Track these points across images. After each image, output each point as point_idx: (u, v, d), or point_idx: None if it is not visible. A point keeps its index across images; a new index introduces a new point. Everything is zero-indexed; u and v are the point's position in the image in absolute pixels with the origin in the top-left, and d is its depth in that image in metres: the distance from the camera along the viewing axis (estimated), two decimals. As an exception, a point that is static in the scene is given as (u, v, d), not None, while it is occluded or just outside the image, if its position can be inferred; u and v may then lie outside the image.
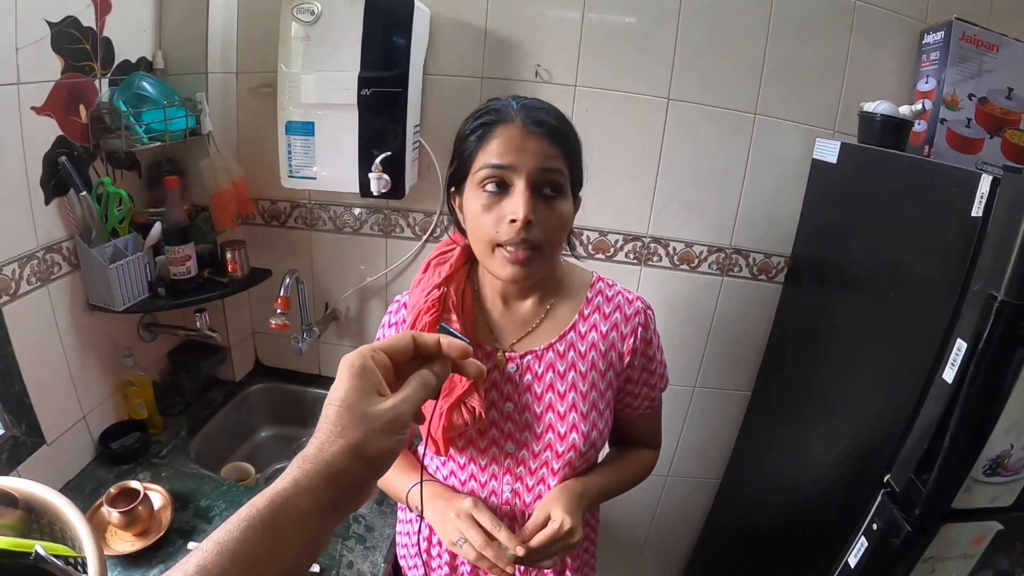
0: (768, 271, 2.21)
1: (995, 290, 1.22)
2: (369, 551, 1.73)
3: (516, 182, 1.14)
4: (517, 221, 1.12)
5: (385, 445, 0.65)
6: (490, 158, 1.15)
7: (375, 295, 2.41)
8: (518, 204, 1.12)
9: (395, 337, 0.74)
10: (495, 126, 1.17)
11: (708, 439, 2.48)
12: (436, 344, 0.75)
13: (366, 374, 0.67)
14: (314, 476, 0.61)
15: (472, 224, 1.20)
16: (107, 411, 2.03)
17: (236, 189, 2.13)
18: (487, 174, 1.16)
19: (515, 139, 1.14)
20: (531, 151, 1.14)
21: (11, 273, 1.59)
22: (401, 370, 0.74)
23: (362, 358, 0.68)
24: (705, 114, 2.03)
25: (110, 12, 1.79)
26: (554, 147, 1.16)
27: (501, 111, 1.19)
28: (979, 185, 1.28)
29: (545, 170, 1.14)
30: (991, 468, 1.35)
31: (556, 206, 1.17)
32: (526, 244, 1.14)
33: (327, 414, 0.65)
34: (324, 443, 0.63)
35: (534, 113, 1.17)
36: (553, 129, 1.17)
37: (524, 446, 1.32)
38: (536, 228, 1.14)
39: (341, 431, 0.63)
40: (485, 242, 1.18)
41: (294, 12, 1.84)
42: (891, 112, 1.76)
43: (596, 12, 1.97)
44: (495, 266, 1.20)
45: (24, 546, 1.10)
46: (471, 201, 1.20)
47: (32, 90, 1.59)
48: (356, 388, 0.66)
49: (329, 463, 0.62)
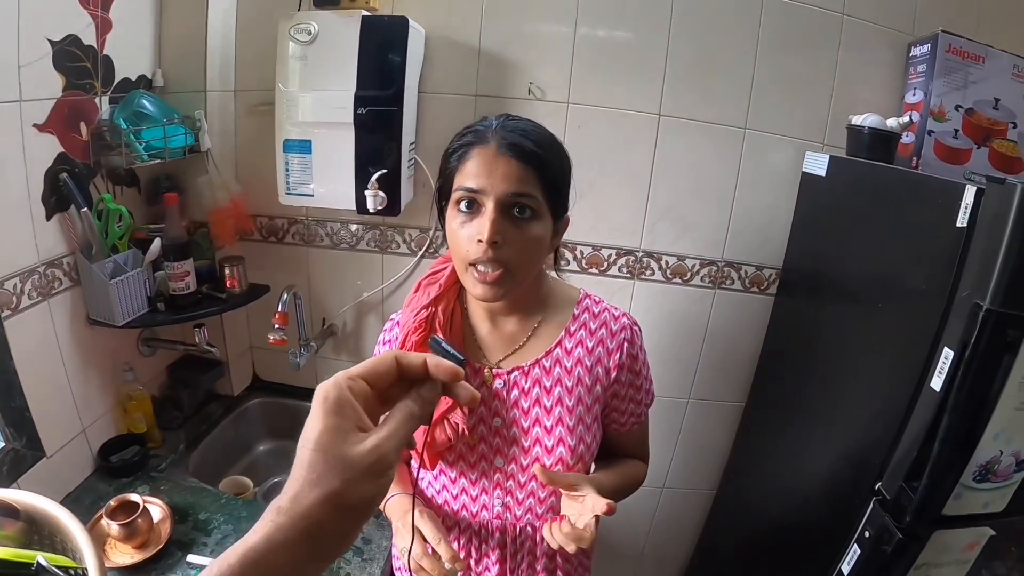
0: (760, 283, 2.23)
1: (981, 299, 1.23)
2: (366, 563, 1.74)
3: (486, 203, 1.16)
4: (483, 242, 1.14)
5: (367, 492, 0.58)
6: (464, 180, 1.18)
7: (372, 310, 2.42)
8: (484, 225, 1.14)
9: (376, 359, 0.66)
10: (472, 147, 1.19)
11: (703, 450, 2.48)
12: (422, 365, 0.66)
13: (343, 409, 0.60)
14: (289, 530, 0.54)
15: (450, 241, 1.23)
16: (107, 425, 2.04)
17: (234, 206, 2.15)
18: (460, 195, 1.18)
19: (487, 162, 1.16)
20: (500, 174, 1.15)
21: (12, 288, 1.61)
22: (386, 394, 0.66)
23: (338, 389, 0.60)
24: (696, 129, 2.05)
25: (110, 31, 1.82)
26: (527, 171, 1.16)
27: (480, 132, 1.21)
28: (964, 196, 1.30)
29: (514, 194, 1.15)
30: (981, 474, 1.35)
31: (526, 228, 1.18)
32: (494, 264, 1.16)
33: (300, 458, 0.58)
34: (298, 493, 0.56)
35: (510, 136, 1.18)
36: (526, 153, 1.17)
37: (513, 460, 1.34)
38: (505, 248, 1.16)
39: (316, 479, 0.56)
40: (460, 260, 1.21)
41: (291, 32, 1.87)
42: (879, 125, 1.78)
43: (588, 27, 1.99)
44: (468, 284, 1.23)
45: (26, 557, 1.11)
46: (450, 219, 1.22)
47: (34, 107, 1.61)
48: (332, 427, 0.58)
49: (304, 516, 0.55)
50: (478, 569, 1.42)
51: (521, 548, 1.39)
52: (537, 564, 1.40)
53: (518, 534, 1.37)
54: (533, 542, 1.38)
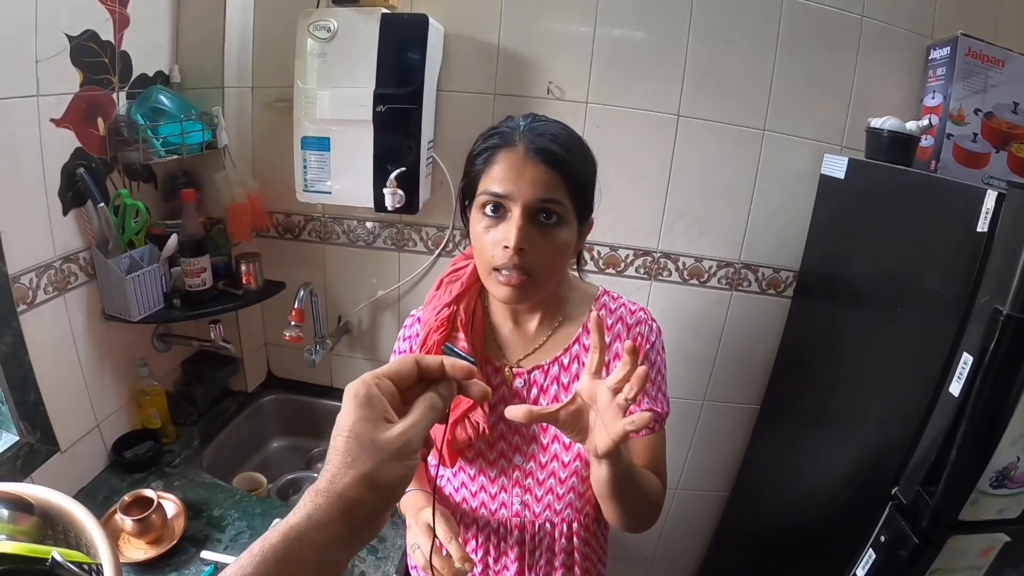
0: (777, 286, 2.22)
1: (1001, 304, 1.22)
2: (381, 561, 1.74)
3: (513, 209, 1.15)
4: (509, 248, 1.13)
5: (396, 472, 0.64)
6: (490, 184, 1.17)
7: (387, 308, 2.42)
8: (511, 232, 1.13)
9: (398, 361, 0.73)
10: (499, 150, 1.18)
11: (717, 452, 2.47)
12: (440, 366, 0.74)
13: (371, 402, 0.67)
14: (327, 509, 0.61)
15: (475, 243, 1.22)
16: (121, 420, 2.04)
17: (251, 202, 2.15)
18: (486, 199, 1.18)
19: (515, 167, 1.15)
20: (528, 180, 1.14)
21: (28, 282, 1.61)
22: (407, 395, 0.73)
23: (367, 386, 0.67)
24: (714, 130, 2.05)
25: (128, 26, 1.82)
26: (555, 176, 1.15)
27: (506, 135, 1.19)
28: (984, 200, 1.29)
29: (542, 200, 1.14)
30: (998, 480, 1.35)
31: (552, 234, 1.17)
32: (519, 270, 1.15)
33: (336, 445, 0.64)
34: (335, 475, 0.62)
35: (539, 139, 1.16)
36: (555, 158, 1.15)
37: (532, 458, 1.33)
38: (529, 255, 1.15)
39: (351, 462, 0.63)
40: (484, 263, 1.21)
41: (311, 29, 1.87)
42: (898, 128, 1.77)
43: (607, 28, 1.99)
44: (492, 287, 1.22)
45: (40, 552, 1.11)
46: (475, 222, 1.22)
47: (51, 102, 1.62)
48: (363, 417, 0.65)
49: (341, 495, 0.61)
50: (496, 567, 1.41)
51: (539, 546, 1.38)
52: (555, 561, 1.39)
53: (536, 531, 1.37)
54: (552, 539, 1.38)
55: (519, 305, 1.25)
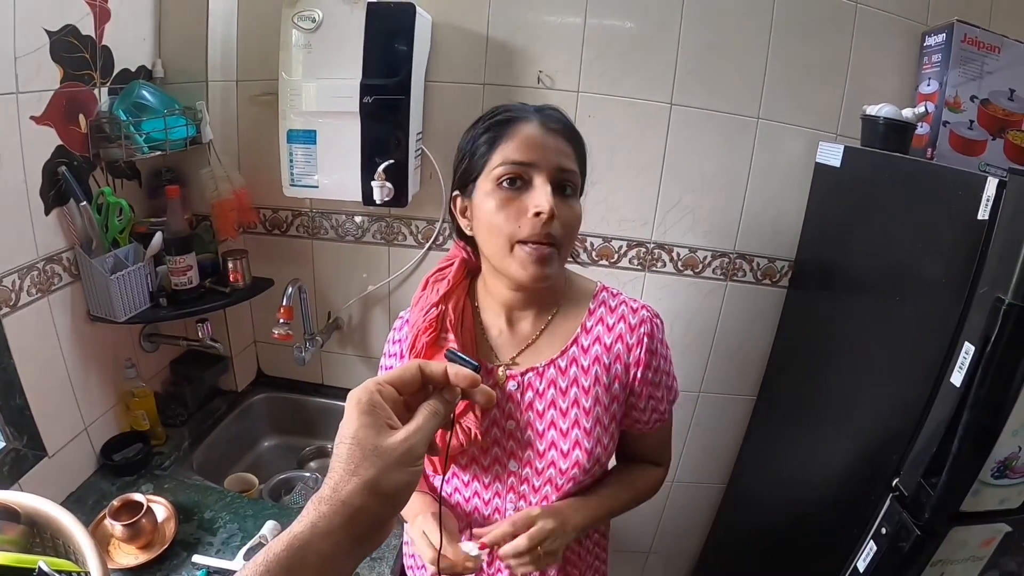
0: (772, 275, 2.20)
1: (1002, 293, 1.21)
2: (376, 562, 1.72)
3: (536, 178, 1.13)
4: (543, 214, 1.10)
5: (401, 479, 0.64)
6: (510, 154, 1.14)
7: (378, 304, 2.40)
8: (541, 198, 1.11)
9: (401, 368, 0.72)
10: (513, 123, 1.17)
11: (713, 444, 2.47)
12: (444, 374, 0.73)
13: (374, 409, 0.66)
14: (331, 517, 0.60)
15: (487, 223, 1.17)
16: (109, 422, 2.02)
17: (237, 198, 2.12)
18: (505, 170, 1.14)
19: (535, 136, 1.15)
20: (551, 148, 1.15)
21: (11, 284, 1.58)
22: (410, 401, 0.72)
23: (369, 393, 0.67)
24: (708, 119, 2.03)
25: (109, 20, 1.79)
26: (571, 148, 1.18)
27: (518, 110, 1.19)
28: (985, 188, 1.28)
29: (563, 170, 1.15)
30: (999, 470, 1.34)
31: (572, 204, 1.18)
32: (549, 238, 1.13)
33: (339, 453, 0.64)
34: (338, 483, 0.62)
35: (552, 114, 1.20)
36: (571, 131, 1.20)
37: (527, 464, 1.30)
38: (557, 224, 1.13)
39: (354, 468, 0.62)
40: (504, 239, 1.15)
41: (295, 20, 1.84)
42: (894, 115, 1.76)
43: (597, 18, 1.96)
44: (513, 267, 1.16)
45: (27, 562, 1.10)
46: (485, 200, 1.17)
47: (31, 99, 1.58)
48: (366, 424, 0.65)
49: (345, 502, 0.61)
50: (491, 571, 1.39)
51: None
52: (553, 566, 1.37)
53: None
54: None
55: (545, 283, 1.19)
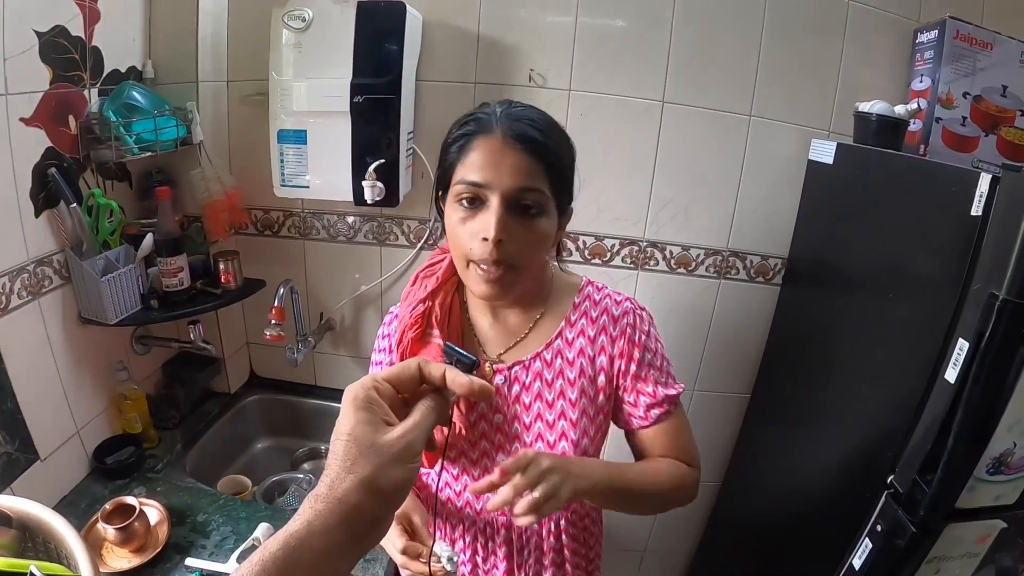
0: (765, 273, 2.20)
1: (996, 289, 1.21)
2: (369, 564, 1.72)
3: (491, 198, 1.11)
4: (488, 240, 1.09)
5: (398, 475, 0.63)
6: (467, 173, 1.12)
7: (370, 304, 2.39)
8: (489, 223, 1.09)
9: (400, 365, 0.71)
10: (475, 137, 1.13)
11: (707, 443, 2.44)
12: (442, 377, 0.71)
13: (371, 406, 0.65)
14: (327, 516, 0.59)
15: (450, 236, 1.18)
16: (101, 426, 2.00)
17: (228, 199, 2.11)
18: (462, 190, 1.13)
19: (493, 153, 1.10)
20: (508, 167, 1.10)
21: (1, 287, 1.57)
22: (407, 399, 0.71)
23: (365, 390, 0.66)
24: (700, 117, 2.03)
25: (99, 21, 1.78)
26: (535, 163, 1.11)
27: (483, 120, 1.15)
28: (978, 184, 1.28)
29: (522, 189, 1.10)
30: (994, 467, 1.34)
31: (533, 224, 1.14)
32: (498, 264, 1.12)
33: (335, 450, 0.63)
34: (335, 480, 0.61)
35: (516, 125, 1.12)
36: (534, 143, 1.12)
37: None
38: (509, 246, 1.11)
39: (351, 466, 0.61)
40: (460, 256, 1.17)
41: (285, 19, 1.83)
42: (887, 112, 1.76)
43: (589, 16, 1.96)
44: (470, 282, 1.18)
45: (19, 566, 1.09)
46: (451, 211, 1.17)
47: (20, 101, 1.57)
48: (362, 420, 0.64)
49: (341, 500, 0.60)
50: (485, 567, 1.40)
51: (528, 544, 1.37)
52: (544, 560, 1.37)
53: (524, 530, 1.35)
54: (540, 538, 1.36)
55: (499, 301, 1.22)
